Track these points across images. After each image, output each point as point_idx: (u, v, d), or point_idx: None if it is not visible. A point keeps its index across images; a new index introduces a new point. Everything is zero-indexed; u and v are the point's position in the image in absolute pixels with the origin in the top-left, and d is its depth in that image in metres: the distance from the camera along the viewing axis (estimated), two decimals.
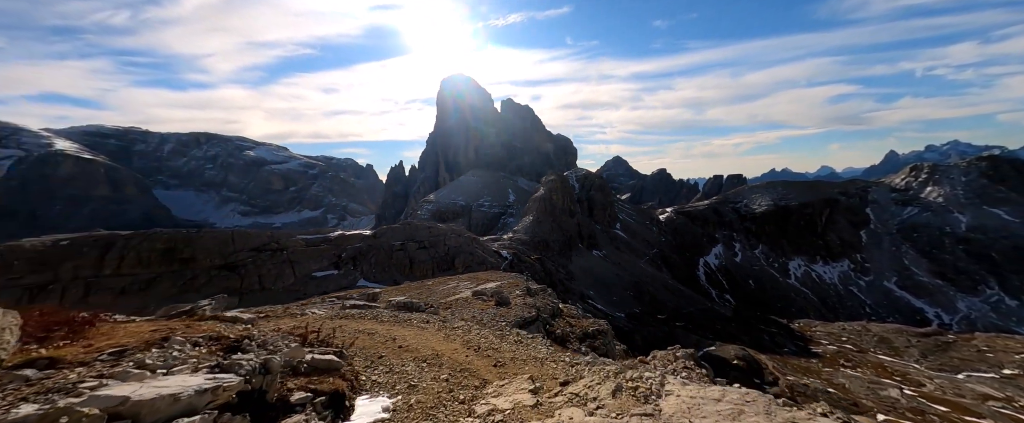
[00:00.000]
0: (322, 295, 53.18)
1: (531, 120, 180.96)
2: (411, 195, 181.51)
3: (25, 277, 43.35)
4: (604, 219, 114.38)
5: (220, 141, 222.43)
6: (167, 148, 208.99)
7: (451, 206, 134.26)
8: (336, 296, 20.46)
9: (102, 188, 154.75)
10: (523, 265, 75.42)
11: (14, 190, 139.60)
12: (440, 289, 19.88)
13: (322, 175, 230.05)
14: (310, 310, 11.86)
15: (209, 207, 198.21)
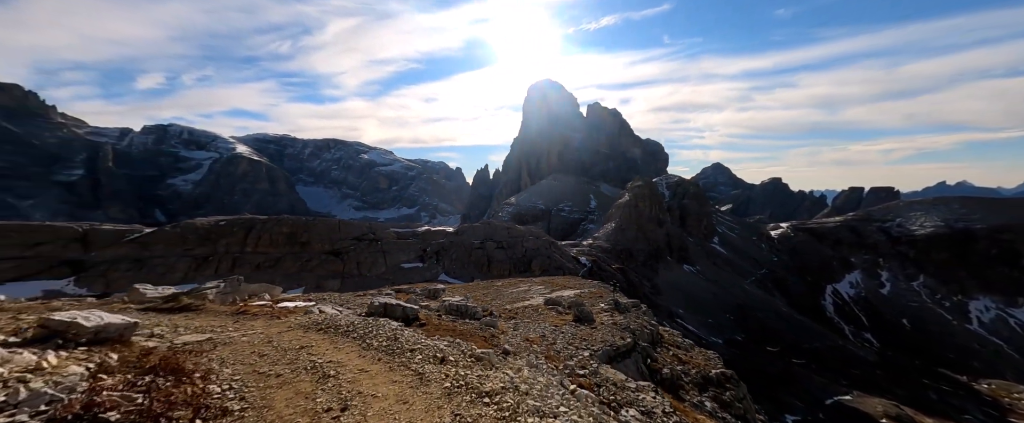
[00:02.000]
0: (394, 286, 55.44)
1: (618, 124, 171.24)
2: (494, 197, 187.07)
3: (195, 249, 54.10)
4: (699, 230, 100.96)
5: (343, 146, 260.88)
6: (307, 152, 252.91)
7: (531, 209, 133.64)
8: (396, 288, 19.83)
9: (263, 183, 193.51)
10: (603, 274, 69.89)
11: (210, 182, 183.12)
12: (509, 292, 17.78)
13: (419, 176, 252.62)
14: (323, 308, 10.68)
15: (333, 202, 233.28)
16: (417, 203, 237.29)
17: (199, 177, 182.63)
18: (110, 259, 46.51)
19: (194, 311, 5.88)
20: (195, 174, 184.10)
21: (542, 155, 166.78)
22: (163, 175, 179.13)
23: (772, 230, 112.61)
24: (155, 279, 50.22)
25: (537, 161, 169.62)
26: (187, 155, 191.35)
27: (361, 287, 68.35)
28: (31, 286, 40.20)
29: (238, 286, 8.49)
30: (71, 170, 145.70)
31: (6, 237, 41.02)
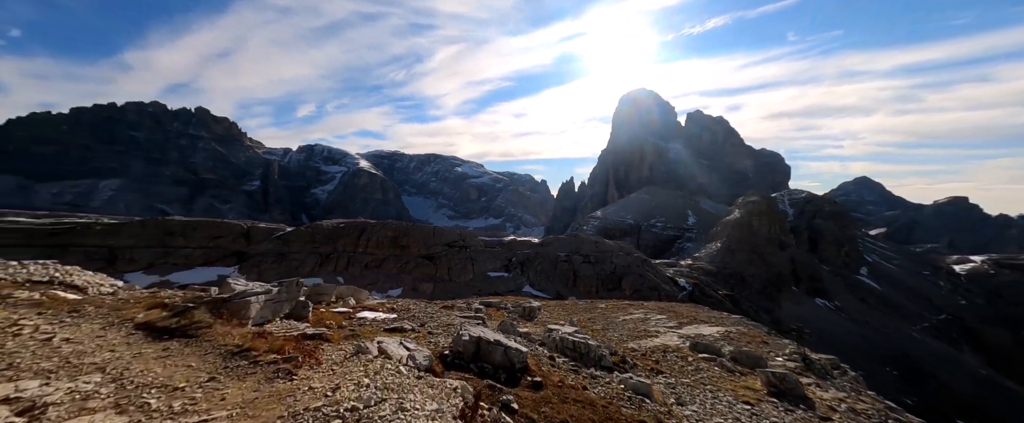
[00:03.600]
0: (482, 297, 54.62)
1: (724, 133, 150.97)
2: (578, 210, 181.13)
3: (321, 247, 61.93)
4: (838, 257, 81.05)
5: (441, 160, 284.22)
6: (412, 165, 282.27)
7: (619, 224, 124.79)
8: (484, 301, 18.12)
9: (378, 193, 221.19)
10: (707, 300, 60.05)
11: (340, 192, 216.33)
12: (621, 320, 14.61)
13: (505, 188, 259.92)
14: (387, 346, 8.78)
15: (431, 210, 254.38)
16: (503, 214, 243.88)
17: (332, 187, 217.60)
18: (262, 252, 56.06)
19: (189, 337, 4.19)
20: (330, 185, 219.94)
21: (632, 167, 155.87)
22: (309, 185, 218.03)
23: (956, 264, 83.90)
24: (291, 271, 58.91)
25: (626, 173, 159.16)
26: (326, 169, 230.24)
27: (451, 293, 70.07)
28: (211, 271, 50.68)
29: (296, 292, 7.28)
30: (252, 181, 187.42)
31: (199, 231, 52.48)
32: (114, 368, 3.25)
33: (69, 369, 3.10)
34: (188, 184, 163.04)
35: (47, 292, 7.93)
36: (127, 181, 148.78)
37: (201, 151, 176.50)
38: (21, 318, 4.78)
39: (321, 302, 12.60)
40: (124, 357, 3.51)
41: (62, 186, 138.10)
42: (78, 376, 2.99)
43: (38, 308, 5.76)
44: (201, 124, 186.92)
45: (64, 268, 10.72)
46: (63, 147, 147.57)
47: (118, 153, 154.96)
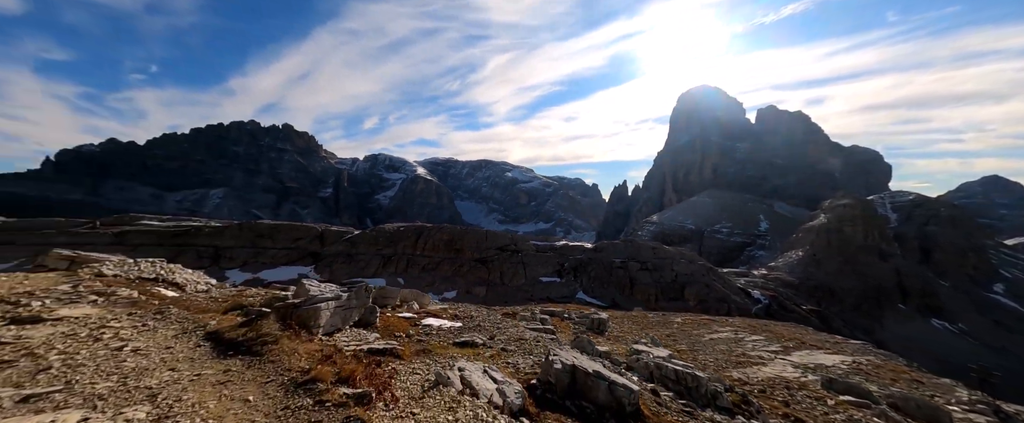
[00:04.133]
0: (540, 302, 53.25)
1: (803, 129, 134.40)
2: (632, 215, 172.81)
3: (383, 249, 65.26)
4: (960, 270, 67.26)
5: (492, 166, 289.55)
6: (464, 171, 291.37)
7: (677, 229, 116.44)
8: (546, 309, 17.05)
9: (433, 198, 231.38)
10: (788, 315, 53.16)
11: (400, 198, 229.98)
12: (707, 339, 12.57)
13: (555, 193, 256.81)
14: (470, 375, 7.47)
15: (482, 215, 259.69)
16: (553, 218, 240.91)
17: (393, 193, 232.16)
18: (334, 253, 60.54)
19: (253, 354, 3.70)
20: (391, 191, 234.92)
21: (692, 169, 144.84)
22: (373, 192, 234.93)
23: None
24: (358, 271, 62.81)
25: (685, 175, 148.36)
26: (387, 176, 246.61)
27: (503, 296, 69.78)
28: (293, 270, 55.88)
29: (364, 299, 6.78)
30: (326, 189, 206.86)
31: (282, 233, 58.15)
32: (166, 397, 2.78)
33: (120, 395, 2.70)
34: (276, 192, 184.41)
35: (149, 289, 8.42)
36: (230, 190, 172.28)
37: (286, 162, 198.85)
38: (112, 320, 4.77)
39: (386, 306, 12.39)
40: (182, 380, 3.09)
41: (183, 195, 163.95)
42: (125, 407, 2.51)
43: (132, 307, 5.86)
44: (286, 139, 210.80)
45: (169, 266, 11.63)
46: (184, 162, 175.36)
47: (223, 166, 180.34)
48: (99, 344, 3.75)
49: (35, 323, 4.66)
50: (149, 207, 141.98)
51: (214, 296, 9.82)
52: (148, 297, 7.47)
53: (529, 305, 21.17)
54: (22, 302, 5.70)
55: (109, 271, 9.40)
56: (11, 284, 7.43)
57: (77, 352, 3.45)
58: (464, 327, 9.51)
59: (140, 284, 9.02)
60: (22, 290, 6.70)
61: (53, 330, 4.16)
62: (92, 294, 6.46)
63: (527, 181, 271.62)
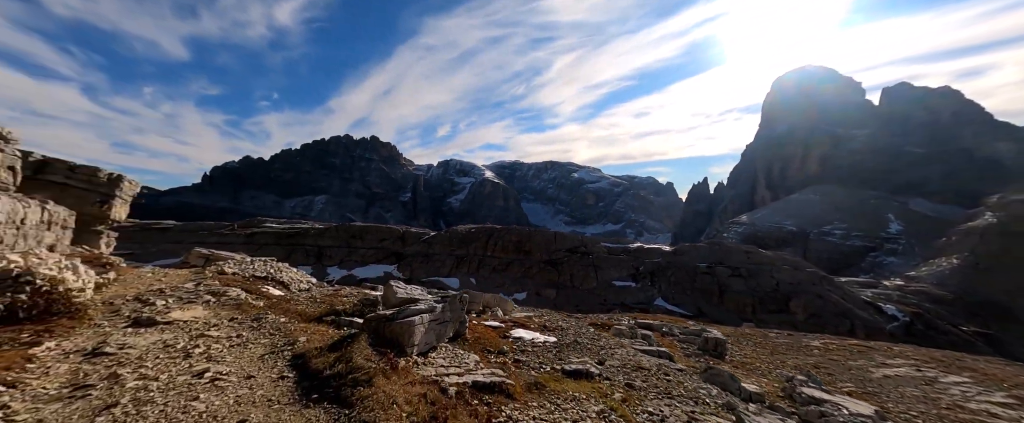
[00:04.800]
0: (616, 309, 49.75)
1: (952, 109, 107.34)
2: (715, 215, 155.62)
3: (456, 250, 67.43)
4: None
5: (558, 167, 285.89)
6: (530, 173, 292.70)
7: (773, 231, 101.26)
8: (639, 320, 15.01)
9: (500, 200, 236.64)
10: (942, 337, 42.43)
11: (469, 201, 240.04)
12: (880, 377, 8.82)
13: (625, 192, 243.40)
14: None
15: (548, 216, 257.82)
16: (623, 219, 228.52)
17: (463, 196, 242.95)
18: (413, 253, 64.41)
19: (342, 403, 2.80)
20: (461, 194, 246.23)
21: (791, 162, 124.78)
22: (445, 195, 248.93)
23: None
24: (434, 271, 65.84)
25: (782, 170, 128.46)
26: (458, 181, 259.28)
27: (574, 301, 67.09)
28: (379, 268, 60.87)
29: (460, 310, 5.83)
30: (405, 193, 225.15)
31: (370, 235, 63.59)
32: None
33: None
34: (365, 197, 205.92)
35: (258, 288, 8.69)
36: (330, 196, 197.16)
37: (373, 171, 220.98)
38: (213, 326, 4.51)
39: (470, 312, 11.66)
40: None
41: (296, 201, 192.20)
42: None
43: (235, 310, 5.72)
44: (373, 149, 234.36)
45: (277, 265, 12.36)
46: (297, 173, 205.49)
47: (325, 175, 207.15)
48: (185, 363, 3.31)
49: (149, 326, 4.60)
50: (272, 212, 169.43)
51: (313, 296, 9.99)
52: (255, 296, 7.56)
53: (614, 314, 19.07)
54: (150, 301, 5.93)
55: (230, 269, 10.07)
56: (152, 280, 8.13)
57: (157, 377, 2.99)
58: (559, 343, 8.16)
59: (252, 282, 9.44)
60: (157, 288, 7.18)
61: (157, 338, 3.92)
62: (208, 294, 6.62)
63: (594, 181, 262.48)
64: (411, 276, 62.67)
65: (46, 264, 5.12)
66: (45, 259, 5.32)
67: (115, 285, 7.05)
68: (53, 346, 3.54)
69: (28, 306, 3.99)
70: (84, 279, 5.84)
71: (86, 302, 5.16)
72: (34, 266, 4.96)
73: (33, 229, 7.70)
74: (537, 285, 68.22)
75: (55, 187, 10.84)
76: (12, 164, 8.55)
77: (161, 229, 59.09)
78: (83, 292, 5.25)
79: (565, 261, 72.70)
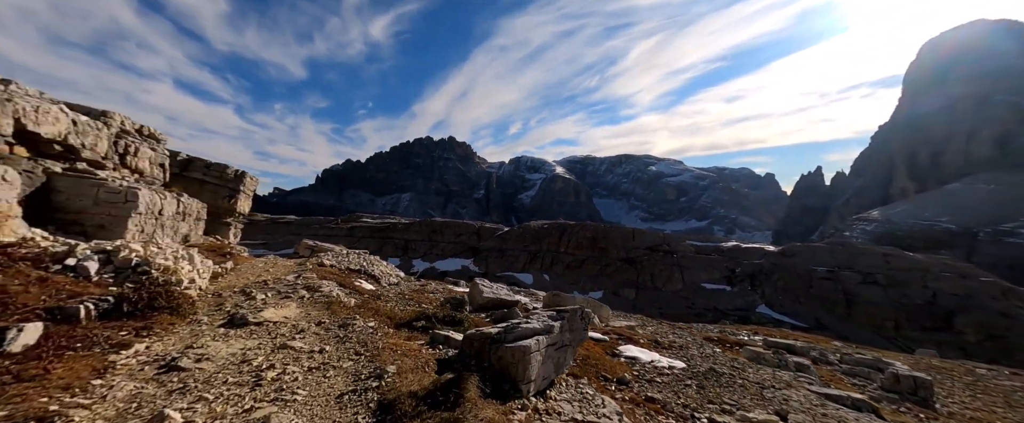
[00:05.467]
0: (708, 314, 44.05)
1: None
2: (833, 210, 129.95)
3: (529, 246, 66.95)
4: None
5: (633, 160, 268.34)
6: (603, 168, 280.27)
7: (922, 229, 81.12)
8: (775, 341, 12.12)
9: (571, 197, 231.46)
10: None
11: (540, 197, 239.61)
12: None
13: (712, 186, 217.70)
14: None
15: (622, 212, 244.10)
16: (709, 215, 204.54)
17: (533, 192, 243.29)
18: (488, 248, 65.69)
19: None
20: (532, 190, 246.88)
21: (946, 143, 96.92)
22: (516, 192, 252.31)
23: None
24: (508, 266, 66.30)
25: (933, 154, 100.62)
26: (528, 177, 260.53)
27: (657, 303, 61.67)
28: (457, 261, 63.45)
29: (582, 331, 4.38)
30: (479, 190, 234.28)
31: (448, 230, 66.57)
32: None
33: None
34: (443, 194, 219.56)
35: (352, 282, 8.46)
36: (413, 194, 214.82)
37: (450, 170, 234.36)
38: (296, 336, 3.88)
39: None
40: None
41: (386, 198, 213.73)
42: None
43: (326, 311, 5.18)
44: (450, 149, 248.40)
45: (370, 258, 12.46)
46: (387, 173, 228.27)
47: (409, 174, 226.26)
48: (250, 398, 2.54)
49: (240, 327, 4.19)
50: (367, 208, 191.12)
51: (402, 291, 9.61)
52: (348, 290, 7.20)
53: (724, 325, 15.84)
54: (252, 294, 5.77)
55: (328, 261, 10.23)
56: (262, 270, 8.39)
57: (212, 417, 2.18)
58: (693, 371, 6.22)
59: (346, 275, 9.34)
60: (263, 279, 7.24)
61: (240, 347, 3.36)
62: (304, 288, 6.37)
63: (675, 174, 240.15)
64: (486, 270, 63.99)
65: (164, 253, 5.21)
66: (164, 248, 5.46)
67: (231, 275, 7.31)
68: (140, 350, 3.14)
69: (133, 300, 3.79)
70: (200, 269, 5.89)
71: (195, 294, 5.10)
72: (152, 255, 5.04)
73: (170, 219, 8.67)
74: (614, 284, 64.19)
75: (195, 183, 12.63)
76: (162, 162, 9.97)
77: (285, 223, 69.97)
78: (194, 284, 5.23)
79: (645, 260, 67.20)
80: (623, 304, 58.21)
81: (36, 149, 7.46)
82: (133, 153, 8.99)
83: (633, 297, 62.71)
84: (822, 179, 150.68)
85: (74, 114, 8.09)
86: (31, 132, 7.11)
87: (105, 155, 8.35)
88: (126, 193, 7.54)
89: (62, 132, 7.77)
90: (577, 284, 64.06)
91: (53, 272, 4.09)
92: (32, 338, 2.74)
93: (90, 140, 8.18)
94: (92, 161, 8.25)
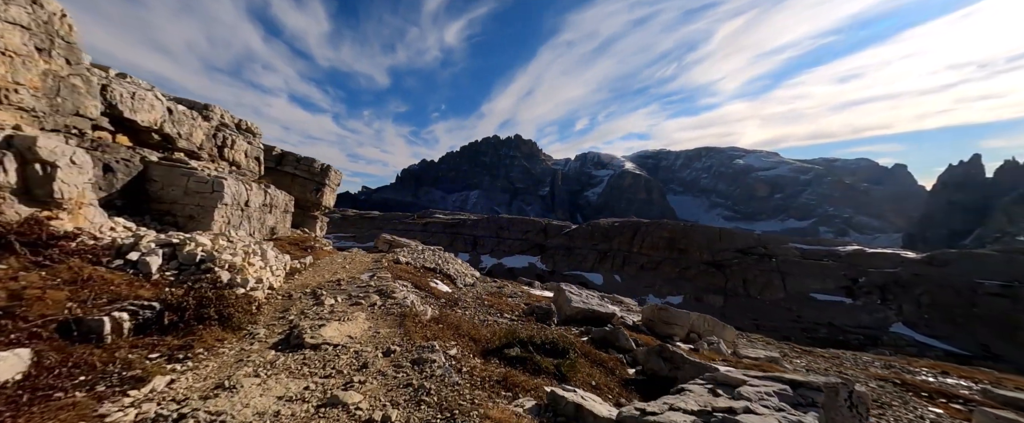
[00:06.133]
0: (834, 335, 37.88)
1: None
2: (998, 208, 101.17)
3: (598, 244, 63.25)
4: None
5: (714, 153, 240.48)
6: (678, 163, 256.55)
7: None
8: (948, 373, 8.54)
9: (641, 194, 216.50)
10: None
11: (606, 194, 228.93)
12: None
13: (817, 180, 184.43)
14: None
15: (700, 210, 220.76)
16: (813, 214, 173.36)
17: (600, 190, 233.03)
18: (555, 246, 63.67)
19: None
20: (599, 187, 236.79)
21: None
22: (582, 189, 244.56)
23: None
24: (576, 263, 63.42)
25: None
26: (595, 173, 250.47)
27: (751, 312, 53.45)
28: (523, 259, 62.68)
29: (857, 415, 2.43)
30: (544, 188, 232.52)
31: (515, 226, 66.01)
32: None
33: None
34: (509, 191, 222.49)
35: (426, 283, 7.47)
36: (481, 191, 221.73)
37: (515, 167, 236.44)
38: (355, 375, 2.69)
39: (670, 336, 8.03)
40: None
41: (456, 195, 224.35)
42: None
43: (398, 325, 4.05)
44: (515, 147, 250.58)
45: (445, 255, 11.61)
46: (457, 172, 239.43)
47: (477, 172, 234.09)
48: None
49: (294, 351, 3.18)
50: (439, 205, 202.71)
51: (478, 293, 8.42)
52: (423, 293, 6.12)
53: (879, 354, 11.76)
54: (321, 298, 4.95)
55: (404, 258, 9.52)
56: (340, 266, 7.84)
57: None
58: None
59: (422, 274, 8.45)
60: (337, 277, 6.56)
61: (272, 401, 2.27)
62: (376, 293, 5.44)
63: (767, 168, 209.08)
64: (553, 268, 62.06)
65: (234, 248, 4.64)
66: (235, 242, 4.93)
67: (308, 271, 6.83)
68: (155, 391, 2.24)
69: (178, 307, 3.01)
70: (273, 266, 5.27)
71: (263, 296, 4.41)
72: (220, 250, 4.47)
73: (257, 211, 8.71)
74: (696, 289, 57.44)
75: (288, 177, 13.29)
76: (257, 155, 10.36)
77: (370, 218, 76.68)
78: (262, 283, 4.55)
79: (735, 263, 59.08)
80: (708, 312, 51.80)
81: (137, 138, 7.62)
82: (230, 145, 9.33)
83: (721, 305, 55.31)
84: (981, 170, 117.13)
85: (170, 102, 8.39)
86: (128, 119, 7.13)
87: (200, 145, 8.65)
88: (213, 183, 7.35)
89: (157, 120, 7.80)
90: (652, 287, 58.69)
91: (111, 268, 3.62)
92: (10, 373, 1.95)
93: (185, 129, 8.46)
94: (188, 151, 8.53)
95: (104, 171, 5.91)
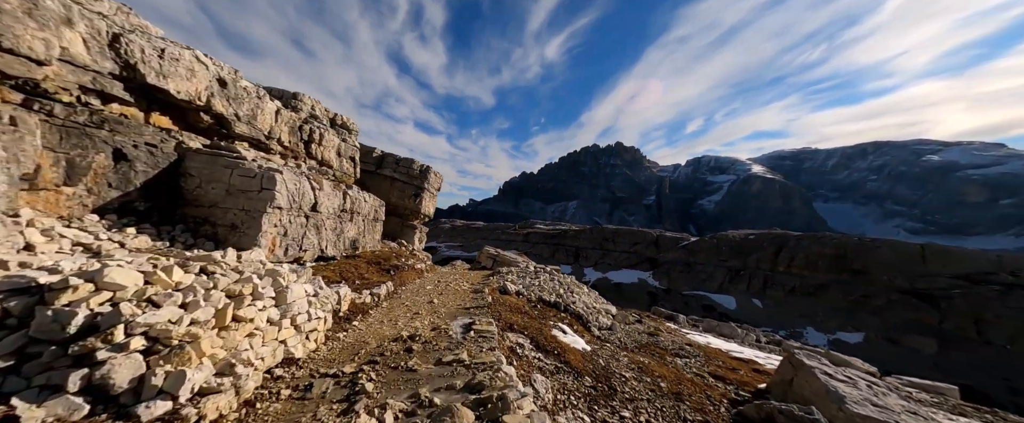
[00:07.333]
0: None
1: None
2: None
3: (728, 260, 51.42)
4: None
5: (890, 149, 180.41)
6: (830, 163, 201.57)
7: None
8: None
9: (776, 200, 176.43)
10: None
11: (727, 202, 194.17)
12: None
13: None
14: None
15: (867, 221, 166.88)
16: None
17: (719, 198, 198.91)
18: (670, 260, 54.31)
19: None
20: (716, 195, 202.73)
21: None
22: (695, 197, 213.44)
23: None
24: (698, 283, 52.66)
25: None
26: (712, 180, 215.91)
27: (987, 366, 36.97)
28: (632, 273, 55.15)
29: None
30: (649, 196, 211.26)
31: (622, 238, 58.97)
32: None
33: None
34: (609, 201, 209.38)
35: (548, 335, 4.28)
36: (580, 201, 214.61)
37: (617, 176, 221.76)
38: None
39: None
40: None
41: (555, 206, 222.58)
42: None
43: None
44: (617, 155, 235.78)
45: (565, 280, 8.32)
46: (555, 183, 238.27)
47: (576, 182, 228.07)
48: None
49: None
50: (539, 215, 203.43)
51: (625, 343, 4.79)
52: (548, 361, 2.89)
53: None
54: (357, 400, 2.20)
55: (513, 287, 6.62)
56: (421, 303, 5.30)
57: None
58: None
59: (539, 315, 5.31)
60: (413, 329, 3.93)
61: None
62: (466, 388, 2.47)
63: (982, 165, 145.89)
64: (669, 287, 52.80)
65: (196, 293, 2.13)
66: (220, 275, 2.56)
67: (379, 309, 4.44)
68: None
69: None
70: (302, 312, 2.78)
71: (251, 391, 1.91)
72: (156, 299, 1.95)
73: (331, 219, 6.46)
74: (889, 326, 41.06)
75: (387, 181, 12.17)
76: (353, 154, 8.87)
77: (475, 228, 79.87)
78: (233, 375, 1.99)
79: (957, 295, 40.74)
80: (912, 361, 36.66)
81: (183, 121, 5.47)
82: (318, 141, 7.69)
83: (933, 352, 38.16)
84: None
85: (219, 70, 5.90)
86: (155, 88, 4.99)
87: (269, 132, 6.68)
88: (261, 177, 5.25)
89: (201, 91, 5.42)
90: (812, 318, 44.29)
91: None
92: None
93: (246, 110, 6.06)
94: (252, 139, 6.24)
95: (115, 159, 4.49)
